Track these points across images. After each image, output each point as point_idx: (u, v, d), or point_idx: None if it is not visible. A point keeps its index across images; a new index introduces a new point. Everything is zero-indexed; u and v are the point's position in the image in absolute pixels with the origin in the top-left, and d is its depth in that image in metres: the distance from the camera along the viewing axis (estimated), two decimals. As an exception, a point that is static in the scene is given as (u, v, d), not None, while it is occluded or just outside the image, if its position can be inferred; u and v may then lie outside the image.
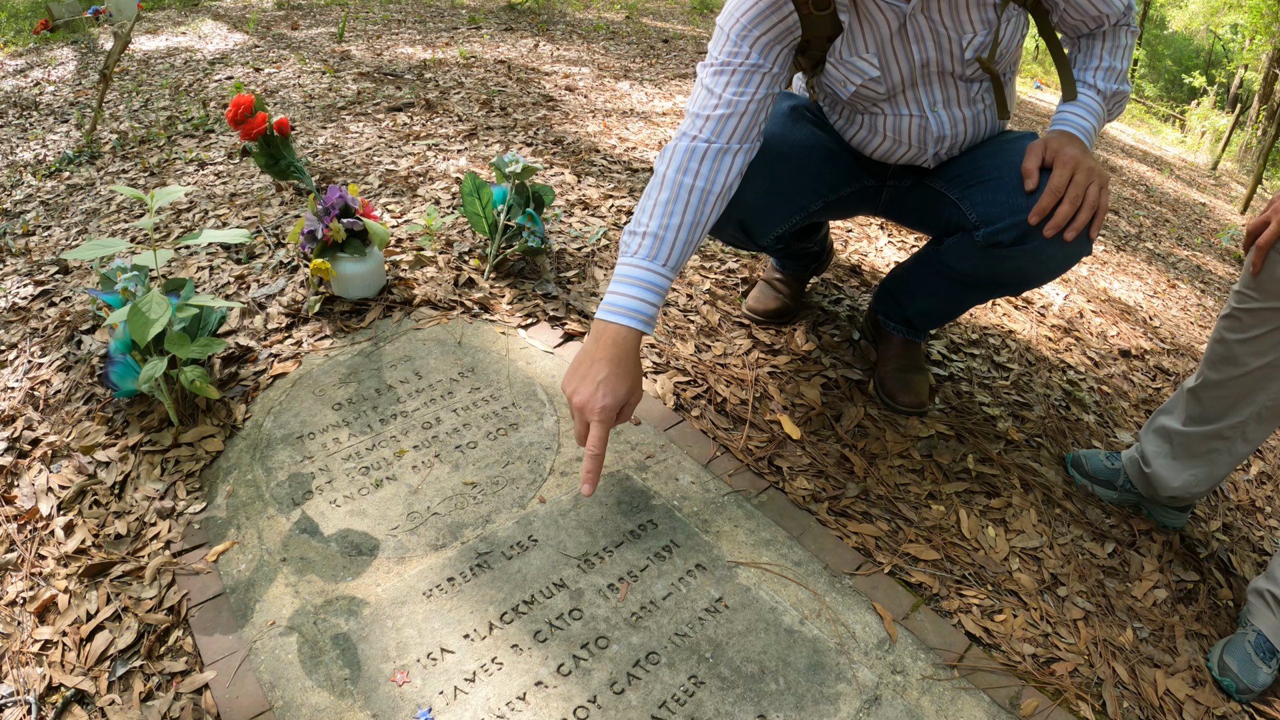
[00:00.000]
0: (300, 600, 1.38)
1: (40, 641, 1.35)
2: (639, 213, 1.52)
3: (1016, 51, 1.67)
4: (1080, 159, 1.51)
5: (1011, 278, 1.70)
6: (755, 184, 1.70)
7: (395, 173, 3.04)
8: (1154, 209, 6.06)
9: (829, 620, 1.43)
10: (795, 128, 1.78)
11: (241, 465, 1.65)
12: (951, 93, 1.66)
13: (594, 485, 1.41)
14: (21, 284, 2.41)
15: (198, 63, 5.47)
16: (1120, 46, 1.65)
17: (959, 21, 1.53)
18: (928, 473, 1.84)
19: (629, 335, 1.43)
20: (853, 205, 1.93)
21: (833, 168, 1.82)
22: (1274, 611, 1.60)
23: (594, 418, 1.39)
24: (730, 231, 1.88)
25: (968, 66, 1.60)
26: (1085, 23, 1.62)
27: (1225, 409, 1.70)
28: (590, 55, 5.79)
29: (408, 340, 2.01)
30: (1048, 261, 1.61)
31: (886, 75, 1.62)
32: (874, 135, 1.75)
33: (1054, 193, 1.50)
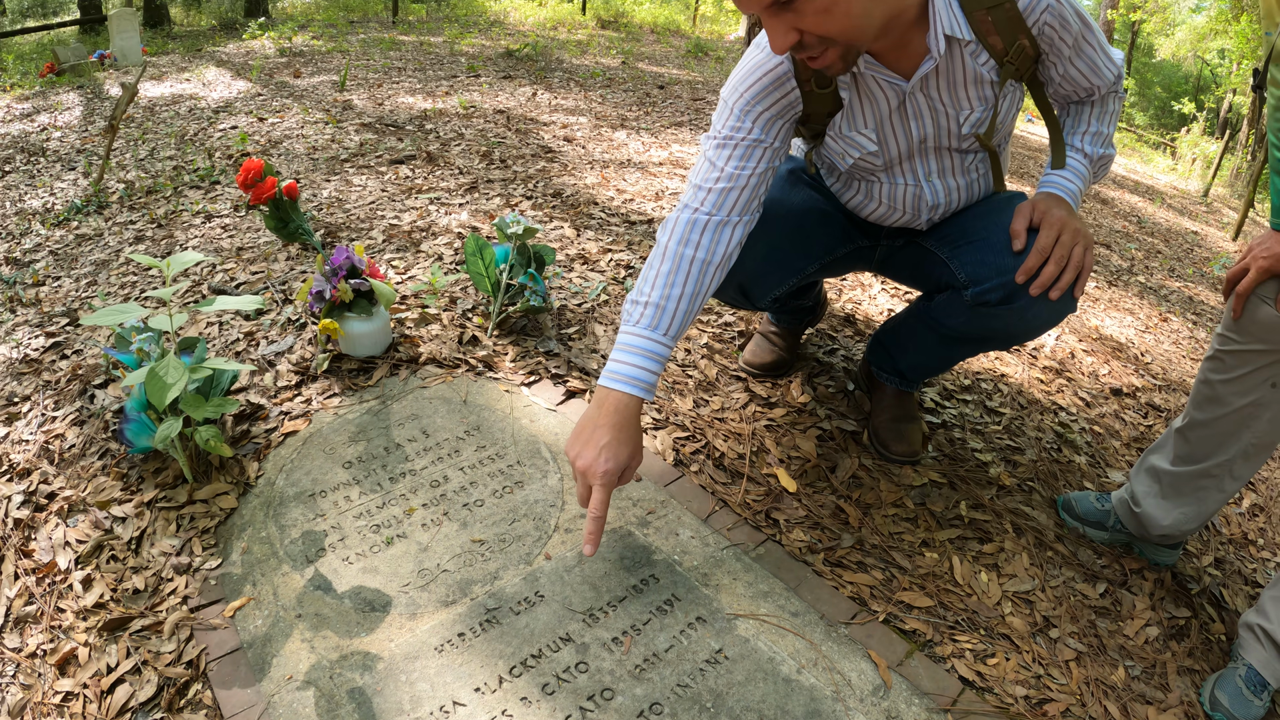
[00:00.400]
0: (316, 655, 1.44)
1: (61, 693, 1.39)
2: (641, 282, 1.59)
3: (1011, 124, 1.73)
4: (1067, 220, 1.57)
5: (998, 335, 1.76)
6: (754, 249, 1.77)
7: (399, 227, 3.12)
8: (1146, 240, 6.14)
9: (825, 669, 1.48)
10: (793, 192, 1.85)
11: (255, 522, 1.71)
12: (947, 164, 1.73)
13: (595, 546, 1.47)
14: (33, 335, 2.47)
15: (202, 111, 5.58)
16: (1108, 112, 1.72)
17: (956, 99, 1.60)
18: (921, 521, 1.90)
19: (630, 402, 1.50)
20: (847, 264, 2.00)
21: (828, 230, 1.89)
22: (1264, 645, 1.63)
23: (596, 481, 1.45)
24: (730, 294, 1.95)
25: (964, 141, 1.67)
26: (1076, 93, 1.69)
27: (1212, 448, 1.75)
28: (587, 104, 5.90)
29: (414, 399, 2.07)
30: (1033, 320, 1.67)
31: (884, 149, 1.69)
32: (869, 201, 1.83)
33: (1040, 252, 1.56)
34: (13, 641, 1.48)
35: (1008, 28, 1.50)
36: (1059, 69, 1.62)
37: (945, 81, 1.57)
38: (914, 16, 1.47)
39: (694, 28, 16.45)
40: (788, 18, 1.32)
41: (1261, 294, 1.58)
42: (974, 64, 1.54)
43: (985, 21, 1.49)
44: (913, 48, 1.52)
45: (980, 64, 1.54)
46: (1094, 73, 1.63)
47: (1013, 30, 1.50)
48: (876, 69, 1.56)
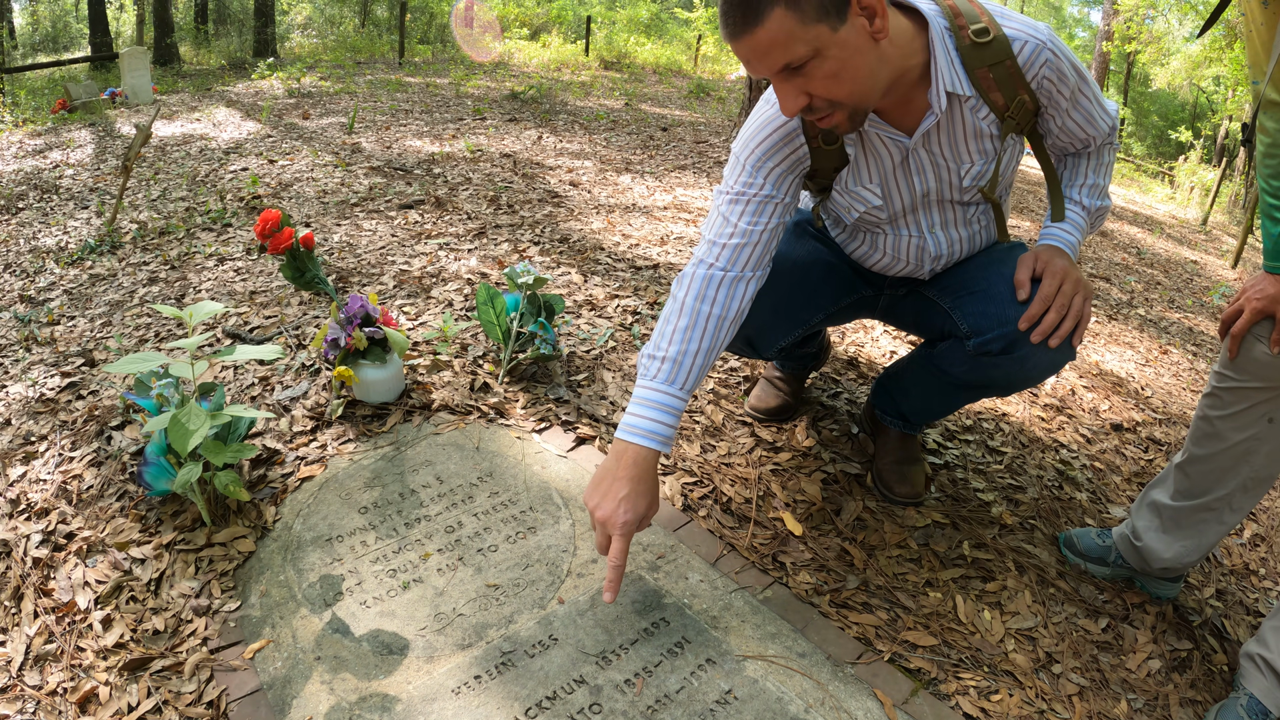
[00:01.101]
0: (335, 697, 1.47)
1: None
2: (658, 336, 1.64)
3: (1012, 176, 1.80)
4: (1068, 271, 1.63)
5: (999, 383, 1.81)
6: (761, 302, 1.81)
7: (409, 273, 3.18)
8: (1145, 272, 6.20)
9: (832, 708, 1.51)
10: (799, 244, 1.92)
11: (273, 566, 1.75)
12: (950, 216, 1.79)
13: (615, 593, 1.52)
14: (49, 374, 2.52)
15: (213, 152, 5.67)
16: (1103, 164, 1.78)
17: (958, 154, 1.65)
18: (925, 561, 1.93)
19: (648, 455, 1.55)
20: (852, 312, 2.06)
21: (833, 282, 1.94)
22: (1265, 674, 1.66)
23: (616, 531, 1.51)
24: (738, 345, 2.01)
25: (966, 194, 1.72)
26: (1073, 144, 1.75)
27: (1212, 483, 1.79)
28: (592, 147, 5.99)
29: (428, 445, 2.12)
30: (1033, 369, 1.72)
31: (889, 204, 1.75)
32: (874, 251, 1.88)
33: (1043, 301, 1.62)
34: (33, 679, 1.51)
35: (1008, 83, 1.56)
36: (1057, 121, 1.67)
37: (947, 137, 1.63)
38: (917, 76, 1.53)
39: (695, 68, 16.67)
40: (798, 82, 1.39)
41: (1256, 333, 1.63)
42: (975, 119, 1.60)
43: (986, 78, 1.54)
44: (915, 105, 1.59)
45: (981, 119, 1.60)
46: (1090, 123, 1.69)
47: (1013, 85, 1.56)
48: (880, 126, 1.62)
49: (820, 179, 1.76)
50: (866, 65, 1.39)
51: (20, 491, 1.98)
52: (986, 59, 1.53)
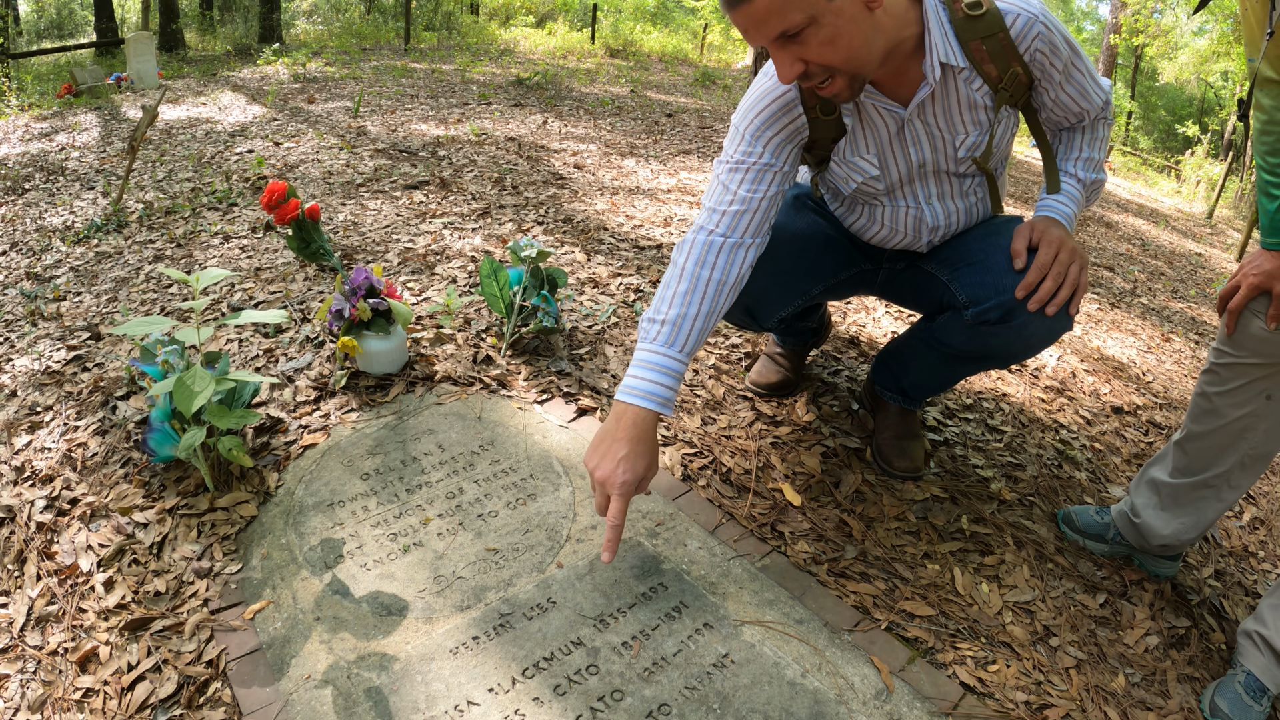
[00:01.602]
0: (334, 656, 1.49)
1: (82, 690, 1.43)
2: (658, 301, 1.65)
3: (1008, 148, 1.81)
4: (1064, 240, 1.64)
5: (998, 353, 1.82)
6: (761, 272, 1.83)
7: (413, 251, 3.19)
8: (1149, 263, 6.18)
9: (829, 673, 1.52)
10: (798, 217, 1.93)
11: (275, 530, 1.77)
12: (946, 187, 1.80)
13: (614, 553, 1.52)
14: (55, 348, 2.53)
15: (219, 134, 5.67)
16: (1098, 138, 1.79)
17: (952, 124, 1.67)
18: (923, 534, 1.94)
19: (647, 416, 1.56)
20: (850, 287, 2.07)
21: (832, 254, 1.95)
22: (1263, 652, 1.67)
23: (614, 492, 1.51)
24: (737, 315, 2.02)
25: (961, 164, 1.74)
26: (1068, 118, 1.77)
27: (1210, 460, 1.79)
28: (597, 132, 5.99)
29: (430, 414, 2.13)
30: (1031, 337, 1.73)
31: (885, 174, 1.76)
32: (872, 224, 1.89)
33: (1039, 269, 1.63)
34: (34, 639, 1.52)
35: (1001, 56, 1.58)
36: (1050, 94, 1.69)
37: (942, 108, 1.65)
38: (912, 47, 1.56)
39: (701, 56, 16.64)
40: (794, 49, 1.41)
41: (1253, 309, 1.63)
42: (968, 90, 1.62)
43: (980, 50, 1.57)
44: (910, 76, 1.61)
45: (975, 90, 1.62)
46: (1083, 97, 1.70)
47: (1006, 58, 1.58)
48: (876, 97, 1.64)
49: (818, 150, 1.77)
50: (861, 33, 1.41)
51: (25, 460, 1.99)
52: (980, 31, 1.55)
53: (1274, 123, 1.52)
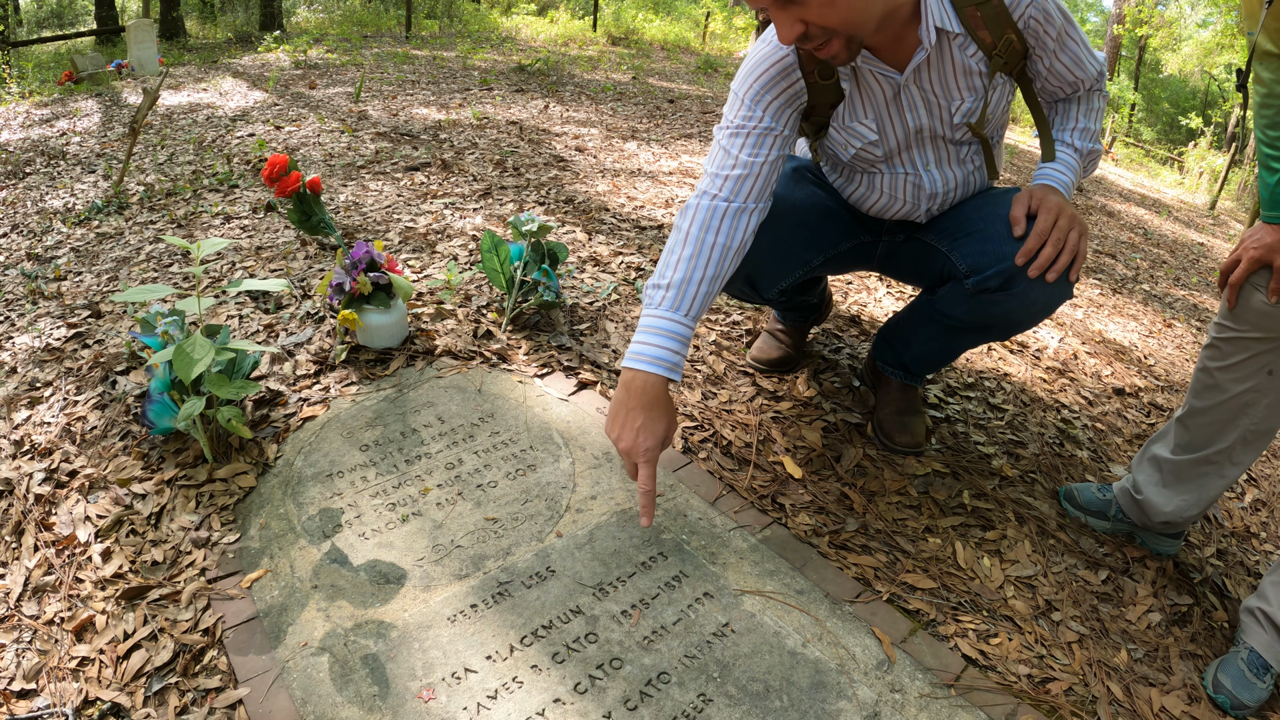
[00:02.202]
0: (331, 624, 1.48)
1: (78, 658, 1.42)
2: (661, 267, 1.64)
3: (1004, 116, 1.81)
4: (1063, 206, 1.65)
5: (1000, 322, 1.81)
6: (761, 242, 1.83)
7: (414, 230, 3.18)
8: (1151, 251, 6.16)
9: (830, 643, 1.51)
10: (797, 188, 1.92)
11: (274, 500, 1.76)
12: (943, 154, 1.80)
13: (650, 517, 1.55)
14: (55, 326, 2.52)
15: (220, 119, 5.66)
16: (1093, 109, 1.80)
17: (948, 90, 1.68)
18: (924, 508, 1.93)
19: (657, 381, 1.56)
20: (851, 260, 2.06)
21: (832, 225, 1.94)
22: (1265, 629, 1.66)
23: (640, 459, 1.53)
24: (738, 286, 2.01)
25: (957, 130, 1.74)
26: (1063, 88, 1.77)
27: (1212, 435, 1.78)
28: (599, 116, 5.97)
29: (430, 388, 2.12)
30: (1032, 305, 1.72)
31: (884, 139, 1.76)
32: (871, 192, 1.88)
33: (1039, 235, 1.63)
34: (31, 609, 1.52)
35: (995, 22, 1.59)
36: (1044, 62, 1.69)
37: (937, 74, 1.65)
38: (908, 14, 1.56)
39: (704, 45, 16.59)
40: (794, 10, 1.41)
41: (1254, 283, 1.63)
42: (963, 56, 1.62)
43: (974, 16, 1.58)
44: (906, 42, 1.61)
45: (969, 56, 1.63)
46: (1077, 66, 1.71)
47: (1000, 25, 1.59)
48: (873, 63, 1.64)
49: (817, 116, 1.77)
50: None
51: (24, 434, 1.98)
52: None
53: (1274, 96, 1.52)
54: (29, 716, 1.33)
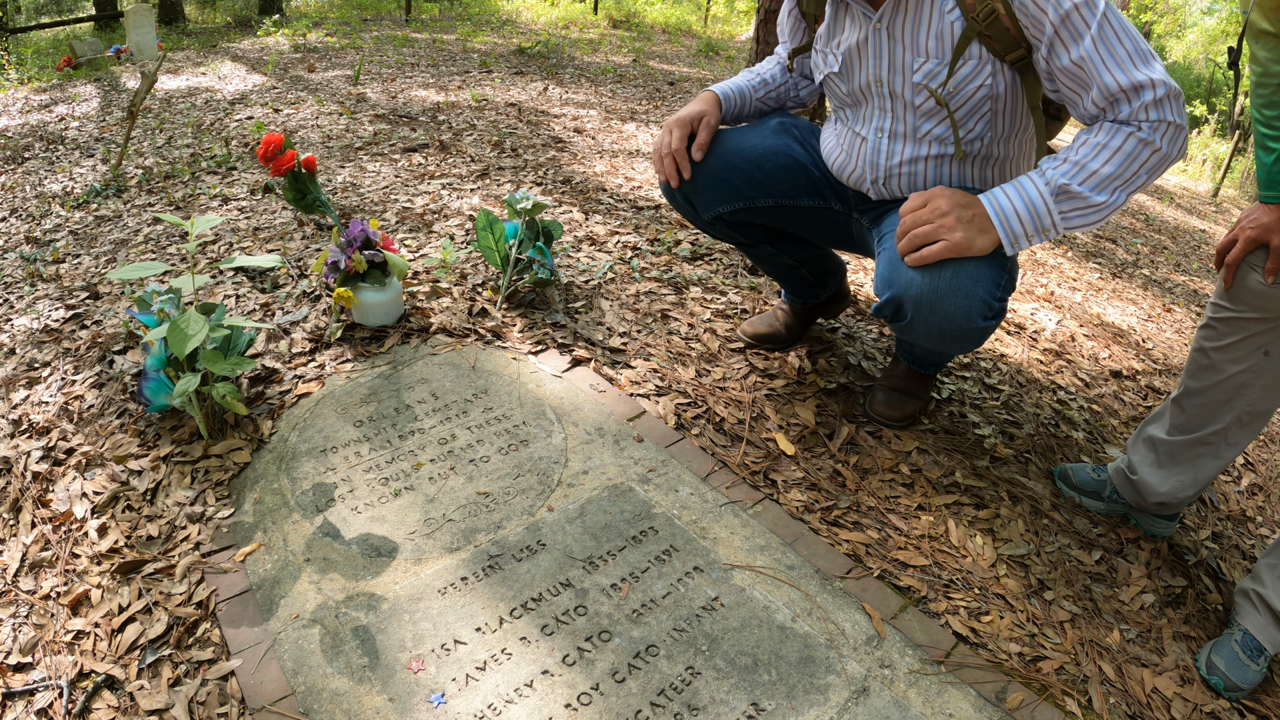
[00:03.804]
0: (322, 596, 1.49)
1: (73, 632, 1.43)
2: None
3: (981, 103, 1.66)
4: (945, 197, 1.56)
5: (924, 346, 1.80)
6: (706, 165, 1.97)
7: (411, 210, 3.17)
8: (1153, 237, 6.14)
9: (820, 618, 1.52)
10: (770, 135, 1.99)
11: (268, 475, 1.76)
12: (900, 122, 1.76)
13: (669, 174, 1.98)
14: (53, 308, 2.53)
15: (218, 102, 5.64)
16: (1108, 148, 1.48)
17: (915, 44, 1.64)
18: (917, 486, 1.93)
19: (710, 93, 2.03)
20: (820, 226, 2.05)
21: (793, 176, 1.97)
22: (1260, 611, 1.67)
23: (668, 126, 1.95)
24: (678, 201, 2.07)
25: (918, 94, 1.68)
26: (1077, 97, 1.53)
27: (1207, 416, 1.78)
28: (598, 98, 5.96)
29: (424, 364, 2.12)
30: (933, 334, 1.65)
31: (847, 76, 1.78)
32: (835, 146, 1.91)
33: (902, 213, 1.60)
34: (28, 584, 1.53)
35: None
36: (1042, 52, 1.53)
37: (910, 22, 1.63)
38: None
39: (705, 28, 16.50)
40: None
41: (1251, 263, 1.62)
42: (939, 11, 1.59)
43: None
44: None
45: (946, 12, 1.58)
46: (1095, 68, 1.46)
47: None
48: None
49: (808, 27, 1.93)
50: None
51: (22, 413, 1.99)
52: None
53: (1269, 75, 1.50)
54: (25, 689, 1.34)
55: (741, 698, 1.36)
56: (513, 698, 1.32)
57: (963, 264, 1.56)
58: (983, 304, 1.57)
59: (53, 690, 1.34)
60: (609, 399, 2.05)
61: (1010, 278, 1.65)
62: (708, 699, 1.35)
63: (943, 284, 1.57)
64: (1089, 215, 1.52)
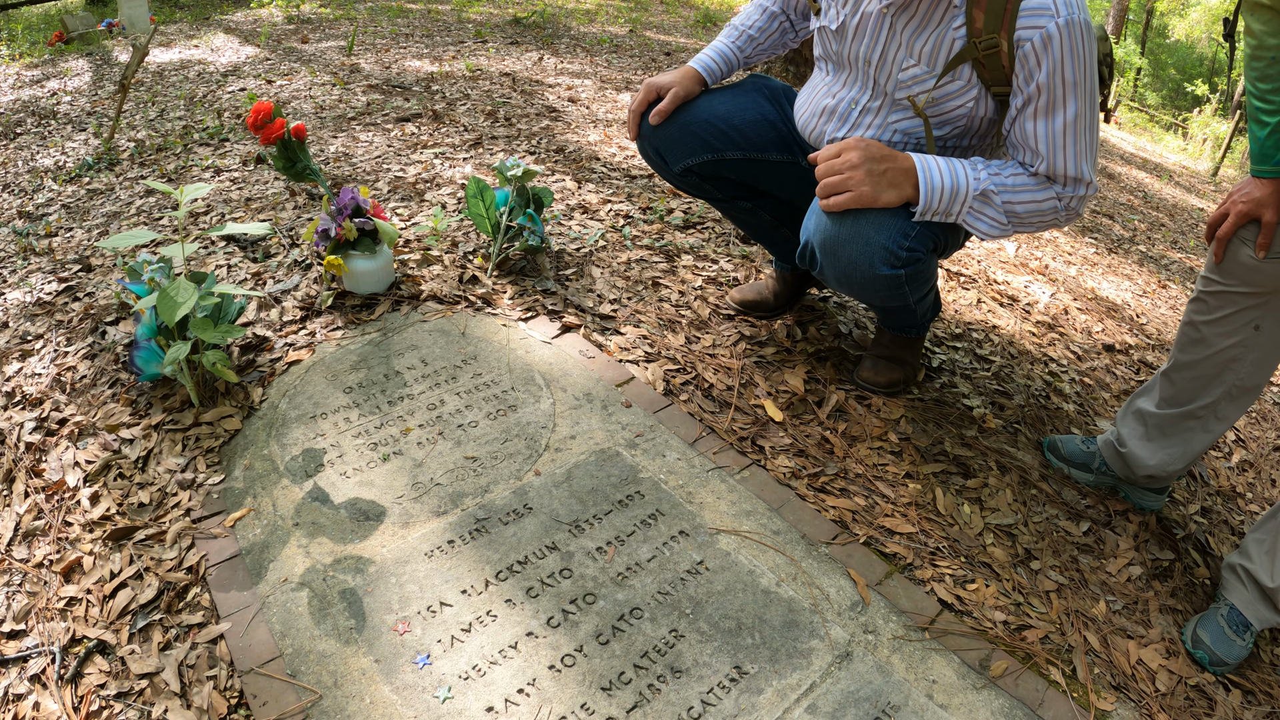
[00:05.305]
0: (311, 560, 1.49)
1: (65, 598, 1.44)
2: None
3: (960, 120, 1.68)
4: (859, 149, 1.59)
5: (843, 291, 1.82)
6: (676, 119, 1.98)
7: (404, 179, 3.16)
8: (1150, 214, 6.13)
9: (804, 583, 1.52)
10: (748, 93, 2.01)
11: (258, 442, 1.76)
12: (871, 111, 1.75)
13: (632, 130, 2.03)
14: (46, 281, 2.52)
15: (211, 75, 5.60)
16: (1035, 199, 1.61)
17: (910, 46, 1.62)
18: (906, 454, 1.94)
19: (689, 68, 2.01)
20: (794, 182, 2.04)
21: (760, 131, 1.97)
22: (1246, 586, 1.67)
23: (641, 88, 1.98)
24: (650, 153, 2.07)
25: (899, 90, 1.68)
26: (1022, 156, 1.63)
27: (1197, 390, 1.78)
28: (593, 68, 5.91)
29: (414, 331, 2.12)
30: (844, 281, 1.71)
31: (842, 38, 1.75)
32: (805, 102, 1.90)
33: (817, 160, 1.64)
34: (21, 553, 1.54)
35: (996, 14, 1.51)
36: (1017, 101, 1.58)
37: (915, 23, 1.60)
38: None
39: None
40: None
41: (1242, 237, 1.61)
42: (947, 23, 1.57)
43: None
44: None
45: (954, 27, 1.56)
46: (1049, 146, 1.57)
47: (998, 19, 1.51)
48: None
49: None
50: None
51: (15, 385, 1.99)
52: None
53: (1264, 48, 1.49)
54: (18, 656, 1.35)
55: (724, 661, 1.37)
56: (497, 659, 1.33)
57: (865, 212, 1.62)
58: (885, 251, 1.63)
59: (45, 656, 1.35)
60: (598, 365, 2.05)
61: (925, 231, 1.67)
62: (691, 661, 1.36)
63: (843, 231, 1.64)
64: (980, 226, 1.64)
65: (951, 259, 3.08)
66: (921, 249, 1.66)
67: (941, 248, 1.79)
